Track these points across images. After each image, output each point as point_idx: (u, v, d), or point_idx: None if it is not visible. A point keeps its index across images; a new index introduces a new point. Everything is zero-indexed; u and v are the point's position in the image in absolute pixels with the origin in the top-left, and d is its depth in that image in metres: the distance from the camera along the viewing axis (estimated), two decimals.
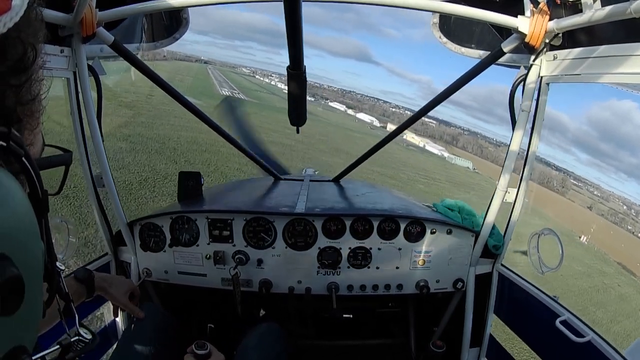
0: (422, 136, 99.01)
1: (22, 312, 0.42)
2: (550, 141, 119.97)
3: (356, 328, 2.59)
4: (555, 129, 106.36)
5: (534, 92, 1.70)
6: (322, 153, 24.10)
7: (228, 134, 2.41)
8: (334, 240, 2.05)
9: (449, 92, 1.92)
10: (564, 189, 58.43)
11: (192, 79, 58.30)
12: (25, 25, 0.47)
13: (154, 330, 1.63)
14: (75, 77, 1.76)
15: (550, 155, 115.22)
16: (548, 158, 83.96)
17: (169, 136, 16.07)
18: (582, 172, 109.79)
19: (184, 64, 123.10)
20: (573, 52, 1.52)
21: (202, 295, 2.36)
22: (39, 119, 0.54)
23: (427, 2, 1.60)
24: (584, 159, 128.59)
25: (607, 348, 1.49)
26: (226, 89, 56.18)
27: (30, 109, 0.51)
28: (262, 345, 1.60)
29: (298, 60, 1.55)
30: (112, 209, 2.04)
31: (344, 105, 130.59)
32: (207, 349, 1.36)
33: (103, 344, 2.12)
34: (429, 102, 2.06)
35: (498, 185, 1.90)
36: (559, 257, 1.83)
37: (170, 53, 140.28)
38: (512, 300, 2.03)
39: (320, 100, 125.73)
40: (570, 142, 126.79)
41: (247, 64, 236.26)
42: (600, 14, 1.22)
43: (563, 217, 38.55)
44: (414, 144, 76.44)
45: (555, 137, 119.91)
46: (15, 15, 0.46)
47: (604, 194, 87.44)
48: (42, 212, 0.49)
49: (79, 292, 1.46)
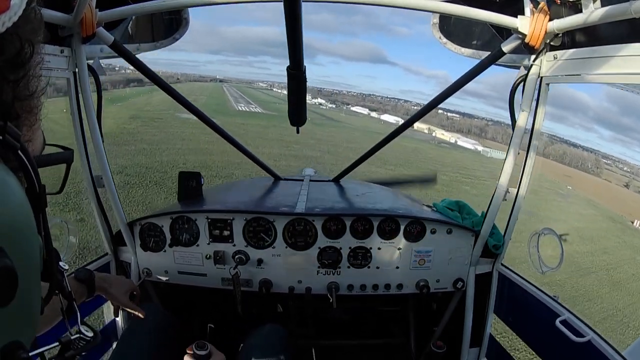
0: (451, 131, 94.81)
1: (17, 305, 0.42)
2: (573, 122, 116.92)
3: (356, 328, 2.59)
4: (577, 109, 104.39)
5: (534, 92, 1.70)
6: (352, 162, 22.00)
7: (229, 134, 2.41)
8: (334, 240, 2.05)
9: (448, 93, 1.92)
10: (598, 170, 56.41)
11: (206, 97, 56.51)
12: (23, 22, 0.47)
13: (154, 330, 1.63)
14: (75, 77, 1.76)
15: (573, 136, 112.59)
16: (573, 139, 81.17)
17: (173, 162, 14.39)
18: (607, 149, 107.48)
19: (198, 85, 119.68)
20: (573, 52, 1.52)
21: (202, 295, 2.36)
22: (38, 116, 0.54)
23: (427, 2, 1.60)
24: (607, 136, 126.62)
25: (607, 348, 1.49)
26: (242, 104, 55.25)
27: (28, 104, 0.51)
28: (266, 345, 1.60)
29: (298, 60, 1.55)
30: (112, 209, 2.04)
31: (366, 109, 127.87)
32: (207, 349, 1.36)
33: (103, 343, 2.12)
34: (428, 104, 2.06)
35: (498, 185, 1.90)
36: (559, 256, 1.84)
37: (184, 75, 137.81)
38: (512, 300, 2.03)
39: (341, 107, 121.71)
40: (592, 120, 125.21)
41: (264, 78, 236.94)
42: (600, 14, 1.22)
43: (608, 201, 34.33)
44: (445, 140, 71.68)
45: (577, 117, 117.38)
46: (14, 14, 0.46)
47: (633, 169, 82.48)
48: (39, 207, 0.49)
49: (79, 292, 1.46)
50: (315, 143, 26.44)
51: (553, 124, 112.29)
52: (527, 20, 1.53)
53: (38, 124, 0.55)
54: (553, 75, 1.63)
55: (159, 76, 1.96)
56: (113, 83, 67.29)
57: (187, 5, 1.76)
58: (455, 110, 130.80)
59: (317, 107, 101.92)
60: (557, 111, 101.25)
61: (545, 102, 1.71)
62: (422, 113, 2.24)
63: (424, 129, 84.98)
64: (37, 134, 0.55)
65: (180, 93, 2.07)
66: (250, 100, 69.15)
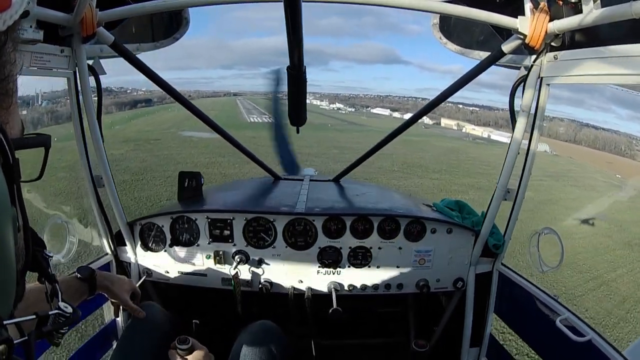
0: (480, 125, 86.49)
1: None
2: (590, 104, 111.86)
3: (356, 327, 2.60)
4: (593, 91, 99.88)
5: (534, 92, 1.71)
6: (391, 173, 17.75)
7: (229, 134, 2.41)
8: (334, 239, 2.06)
9: (448, 94, 1.93)
10: (632, 152, 53.88)
11: (217, 112, 53.84)
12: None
13: (154, 330, 1.63)
14: (75, 77, 1.76)
15: (592, 119, 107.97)
16: (594, 123, 76.50)
17: (154, 198, 11.25)
18: (626, 128, 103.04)
19: (210, 100, 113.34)
20: (573, 53, 1.52)
21: (202, 295, 2.36)
22: (13, 99, 0.55)
23: (427, 2, 1.60)
24: (624, 115, 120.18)
25: (607, 347, 1.49)
26: (255, 116, 52.50)
27: (4, 87, 0.52)
28: (255, 343, 1.60)
29: (298, 60, 1.55)
30: (112, 209, 2.04)
31: (387, 109, 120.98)
32: (189, 344, 1.40)
33: (103, 343, 2.12)
34: (428, 104, 2.06)
35: (498, 185, 1.91)
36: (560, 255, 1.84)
37: (197, 92, 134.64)
38: (512, 299, 2.03)
39: (361, 109, 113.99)
40: (609, 100, 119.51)
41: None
42: (600, 15, 1.22)
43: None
44: (478, 136, 63.35)
45: (594, 98, 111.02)
46: (15, 13, 0.46)
47: None
48: (12, 179, 0.50)
49: (80, 289, 1.46)
50: (338, 153, 22.55)
51: (572, 109, 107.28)
52: (527, 21, 1.53)
53: (14, 108, 0.55)
54: (553, 75, 1.63)
55: (159, 76, 1.96)
56: (119, 105, 65.35)
57: (187, 5, 1.77)
58: (473, 104, 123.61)
59: (336, 112, 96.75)
60: (574, 95, 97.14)
61: (546, 102, 1.71)
62: (421, 113, 2.24)
63: (452, 125, 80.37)
64: (14, 118, 0.56)
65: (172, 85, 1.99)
66: (263, 111, 66.95)
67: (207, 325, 2.44)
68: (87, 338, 2.05)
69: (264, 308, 2.48)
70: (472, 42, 1.97)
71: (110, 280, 1.59)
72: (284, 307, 2.47)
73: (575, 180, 24.11)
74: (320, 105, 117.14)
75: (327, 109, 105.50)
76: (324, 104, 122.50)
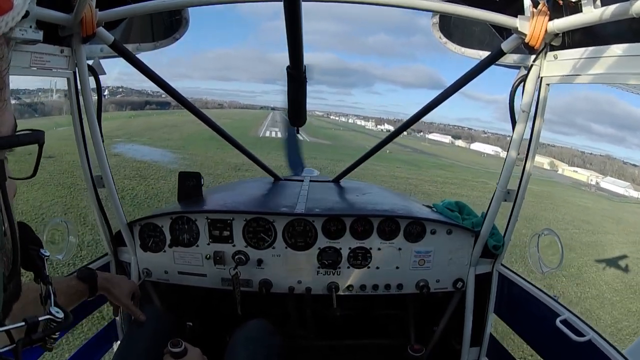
0: (575, 166, 72.49)
1: None
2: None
3: (356, 328, 2.59)
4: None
5: (534, 92, 1.70)
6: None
7: (228, 134, 2.41)
8: (334, 240, 2.05)
9: (449, 93, 1.92)
10: None
11: (230, 120, 50.56)
12: None
13: (154, 332, 1.62)
14: (75, 77, 1.76)
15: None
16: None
17: None
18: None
19: (236, 111, 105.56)
20: (573, 53, 1.52)
21: (201, 296, 2.36)
22: (3, 96, 0.54)
23: (427, 2, 1.60)
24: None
25: (607, 347, 1.49)
26: (277, 130, 41.94)
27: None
28: (249, 341, 1.59)
29: (298, 60, 1.55)
30: (112, 210, 2.04)
31: (446, 136, 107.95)
32: (182, 347, 1.38)
33: (103, 344, 2.12)
34: (427, 104, 2.05)
35: (498, 185, 1.90)
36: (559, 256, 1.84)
37: (232, 103, 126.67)
38: (512, 300, 2.03)
39: (414, 134, 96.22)
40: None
41: (320, 108, 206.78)
42: (600, 14, 1.22)
43: None
44: (582, 181, 53.71)
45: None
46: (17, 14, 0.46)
47: None
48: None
49: (81, 291, 1.46)
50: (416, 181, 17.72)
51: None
52: (527, 20, 1.53)
53: (4, 105, 0.54)
54: (553, 75, 1.63)
55: (159, 76, 1.96)
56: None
57: (187, 5, 1.77)
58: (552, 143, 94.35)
59: (386, 134, 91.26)
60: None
61: (546, 102, 1.71)
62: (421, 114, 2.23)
63: (543, 163, 63.40)
64: (5, 115, 0.55)
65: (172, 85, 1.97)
66: None
67: (206, 325, 2.44)
68: (87, 338, 2.05)
69: (264, 308, 2.48)
70: (472, 42, 1.97)
71: (112, 283, 1.59)
72: (284, 307, 2.47)
73: None
74: (365, 126, 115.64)
75: (375, 130, 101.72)
76: (369, 125, 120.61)
